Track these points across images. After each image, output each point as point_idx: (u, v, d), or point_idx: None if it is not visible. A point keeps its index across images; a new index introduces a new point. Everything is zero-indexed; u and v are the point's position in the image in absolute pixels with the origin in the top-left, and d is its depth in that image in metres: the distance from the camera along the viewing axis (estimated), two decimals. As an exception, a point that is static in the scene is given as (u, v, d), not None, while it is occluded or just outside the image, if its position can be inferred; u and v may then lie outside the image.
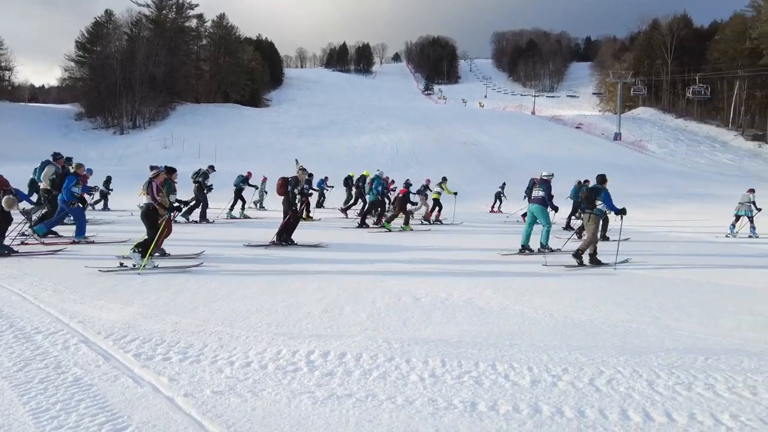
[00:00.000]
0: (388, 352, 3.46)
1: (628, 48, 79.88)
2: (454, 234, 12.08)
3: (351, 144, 41.70)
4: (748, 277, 6.94)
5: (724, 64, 56.67)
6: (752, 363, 3.47)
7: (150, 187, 6.49)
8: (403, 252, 8.45)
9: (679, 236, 12.56)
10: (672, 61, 65.62)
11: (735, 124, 55.61)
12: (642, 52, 70.34)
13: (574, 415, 2.63)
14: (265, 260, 7.22)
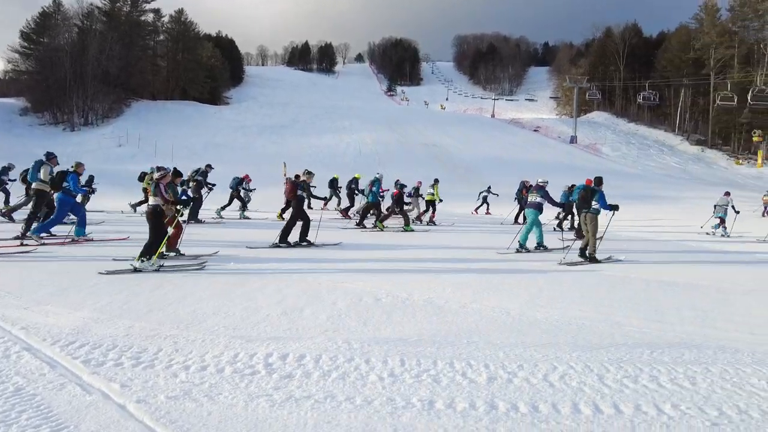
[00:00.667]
0: (347, 353, 3.46)
1: (584, 54, 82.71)
2: (444, 234, 12.42)
3: (314, 143, 41.42)
4: (692, 274, 7.31)
5: (670, 72, 59.58)
6: (692, 355, 3.67)
7: (157, 188, 6.53)
8: (377, 251, 8.48)
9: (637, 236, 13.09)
10: (624, 68, 68.47)
11: (681, 129, 58.53)
12: (596, 58, 73.00)
13: (528, 410, 2.71)
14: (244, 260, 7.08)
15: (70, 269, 6.19)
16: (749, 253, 10.26)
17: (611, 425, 2.57)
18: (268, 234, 9.62)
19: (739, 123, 51.78)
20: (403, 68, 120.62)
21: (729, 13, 56.80)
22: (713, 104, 51.06)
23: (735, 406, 2.84)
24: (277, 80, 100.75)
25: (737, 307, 5.29)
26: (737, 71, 52.55)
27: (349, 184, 16.37)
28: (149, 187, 14.00)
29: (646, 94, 52.91)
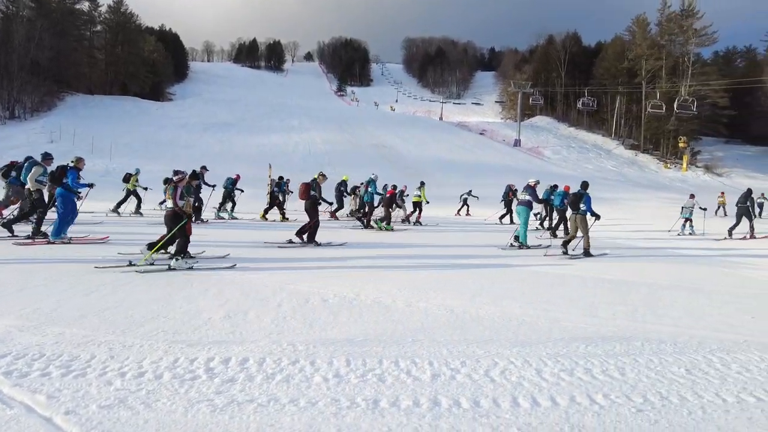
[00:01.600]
0: (292, 355, 3.43)
1: (528, 60, 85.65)
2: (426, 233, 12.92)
3: (261, 142, 40.59)
4: (626, 271, 7.75)
5: (607, 80, 62.88)
6: (622, 347, 3.90)
7: (175, 190, 6.60)
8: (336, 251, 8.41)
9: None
10: (565, 75, 71.63)
11: (617, 134, 61.90)
12: (540, 64, 75.90)
13: (470, 405, 2.79)
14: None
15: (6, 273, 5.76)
16: (683, 248, 10.98)
17: (548, 417, 2.68)
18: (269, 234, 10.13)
19: (667, 130, 55.42)
20: (353, 69, 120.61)
21: (657, 28, 60.68)
22: (645, 112, 54.35)
23: (658, 393, 3.05)
24: (224, 77, 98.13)
25: (663, 301, 5.66)
26: (665, 82, 56.22)
27: (338, 186, 16.57)
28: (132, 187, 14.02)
29: (585, 100, 55.54)
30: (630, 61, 60.90)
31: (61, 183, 8.26)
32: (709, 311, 5.27)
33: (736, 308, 5.43)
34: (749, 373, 3.46)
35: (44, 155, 9.21)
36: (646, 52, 58.96)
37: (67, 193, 8.31)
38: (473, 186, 21.72)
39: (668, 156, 55.56)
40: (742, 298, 5.99)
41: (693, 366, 3.56)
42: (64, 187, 8.27)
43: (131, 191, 14.05)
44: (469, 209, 19.92)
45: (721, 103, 55.50)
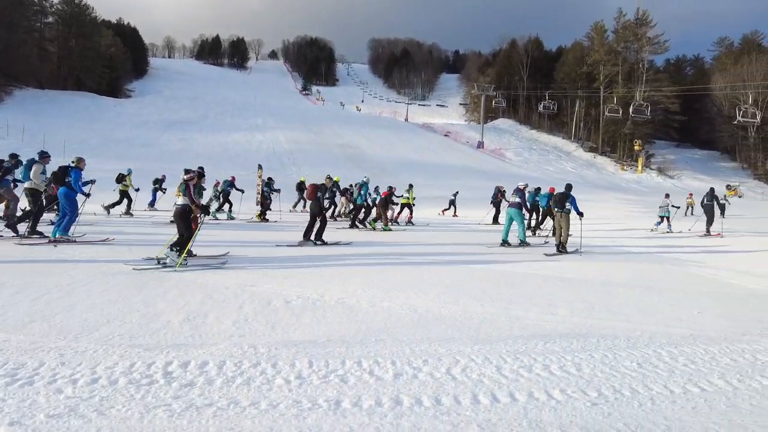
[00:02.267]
0: (253, 358, 3.38)
1: (491, 63, 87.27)
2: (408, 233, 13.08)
3: (223, 141, 39.84)
4: (584, 270, 8.00)
5: (567, 84, 64.84)
6: (579, 344, 4.03)
7: (187, 189, 6.84)
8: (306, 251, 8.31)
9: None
10: (527, 78, 73.36)
11: (576, 137, 63.89)
12: (502, 68, 77.48)
13: (431, 403, 2.82)
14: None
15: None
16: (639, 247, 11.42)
17: (506, 413, 2.75)
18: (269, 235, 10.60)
19: (624, 133, 57.63)
20: (319, 68, 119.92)
21: (614, 35, 63.01)
22: (603, 115, 56.31)
23: (611, 387, 3.17)
24: (185, 74, 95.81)
25: (618, 299, 5.88)
26: (621, 87, 58.46)
27: (331, 187, 16.53)
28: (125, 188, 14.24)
29: (546, 103, 57.13)
30: (589, 66, 63.05)
31: (63, 183, 8.28)
32: (661, 308, 5.50)
33: (685, 304, 5.70)
34: (694, 365, 3.64)
35: (41, 153, 9.19)
36: (603, 58, 61.15)
37: (70, 192, 8.30)
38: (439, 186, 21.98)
39: (624, 158, 57.73)
40: (690, 295, 6.28)
41: (644, 360, 3.71)
42: (67, 186, 8.28)
43: (124, 192, 14.26)
44: (456, 210, 20.45)
45: (673, 108, 58.22)
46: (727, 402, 3.03)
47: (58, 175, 8.39)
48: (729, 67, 58.55)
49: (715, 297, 6.23)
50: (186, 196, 6.84)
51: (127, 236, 9.50)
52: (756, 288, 7.02)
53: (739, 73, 54.99)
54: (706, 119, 59.52)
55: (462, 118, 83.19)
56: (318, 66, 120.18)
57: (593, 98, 61.98)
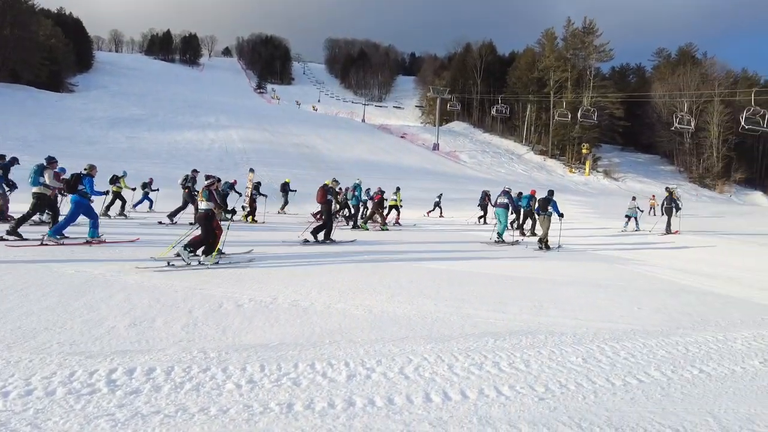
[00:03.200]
0: (203, 363, 3.29)
1: (446, 67, 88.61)
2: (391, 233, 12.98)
3: (174, 139, 38.52)
4: (533, 269, 8.27)
5: (519, 88, 66.69)
6: (528, 340, 4.16)
7: (210, 194, 7.35)
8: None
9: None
10: (481, 82, 74.95)
11: (527, 140, 65.84)
12: (457, 71, 78.81)
13: (384, 403, 2.84)
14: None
15: None
16: (589, 246, 11.89)
17: (457, 410, 2.80)
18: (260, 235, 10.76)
19: (572, 137, 59.89)
20: (274, 66, 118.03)
21: (563, 42, 65.42)
22: (552, 120, 58.26)
23: (557, 382, 3.29)
24: (134, 69, 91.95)
25: (565, 296, 6.12)
26: (570, 92, 60.68)
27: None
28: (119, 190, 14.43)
29: (499, 107, 58.41)
30: (540, 72, 65.12)
31: (76, 190, 8.50)
32: (604, 304, 5.76)
33: (626, 301, 5.99)
34: (634, 359, 3.84)
35: (49, 159, 9.37)
36: (553, 64, 63.30)
37: (82, 200, 8.55)
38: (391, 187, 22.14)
39: (573, 161, 59.99)
40: (631, 291, 6.62)
41: (589, 355, 3.88)
42: (79, 194, 8.51)
43: (117, 193, 14.49)
44: (442, 211, 21.22)
45: (617, 114, 61.04)
46: (662, 392, 3.22)
47: (71, 182, 8.57)
48: (667, 76, 62.10)
49: (651, 293, 6.59)
50: (210, 201, 7.36)
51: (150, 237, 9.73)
52: (687, 284, 7.47)
53: (676, 83, 58.42)
54: (647, 125, 62.86)
55: (418, 120, 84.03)
56: (273, 64, 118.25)
57: (544, 103, 64.08)
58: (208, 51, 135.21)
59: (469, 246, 11.50)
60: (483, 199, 18.36)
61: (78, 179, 8.61)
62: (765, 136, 51.12)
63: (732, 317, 5.38)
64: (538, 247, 11.13)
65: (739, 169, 57.56)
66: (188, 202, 13.01)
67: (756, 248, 12.39)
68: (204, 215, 7.29)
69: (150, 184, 16.98)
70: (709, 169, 57.38)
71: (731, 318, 5.34)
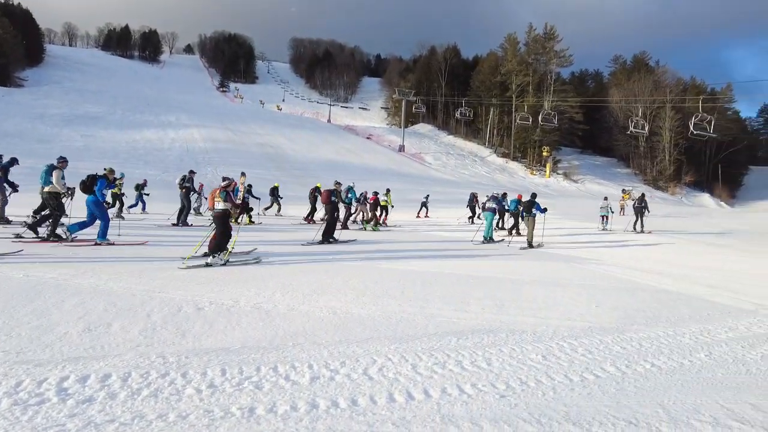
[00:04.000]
0: (162, 368, 3.20)
1: (412, 69, 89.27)
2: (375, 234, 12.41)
3: (132, 138, 37.34)
4: (495, 269, 8.42)
5: (482, 92, 67.91)
6: (490, 339, 4.24)
7: (227, 195, 7.67)
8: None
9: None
10: (445, 85, 75.90)
11: (490, 143, 67.11)
12: (422, 74, 79.57)
13: (347, 404, 2.83)
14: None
15: None
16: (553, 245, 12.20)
17: (421, 410, 2.83)
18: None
19: (533, 140, 61.44)
20: (237, 65, 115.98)
21: (525, 47, 67.03)
22: (514, 123, 59.58)
23: (518, 379, 3.37)
24: (90, 65, 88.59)
25: (525, 295, 6.26)
26: (532, 96, 62.24)
27: (312, 192, 17.73)
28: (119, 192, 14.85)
29: (463, 110, 59.31)
30: (502, 76, 66.51)
31: (92, 191, 8.74)
32: (563, 302, 5.93)
33: (584, 299, 6.19)
34: (591, 355, 3.97)
35: (60, 159, 9.50)
36: (516, 68, 64.77)
37: (98, 201, 8.84)
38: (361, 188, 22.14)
39: (534, 164, 61.53)
40: (589, 290, 6.83)
41: (548, 352, 3.98)
42: (95, 194, 8.77)
43: (118, 195, 14.83)
44: (428, 212, 21.90)
45: (577, 117, 63.01)
46: (617, 386, 3.34)
47: (87, 183, 8.77)
48: (623, 82, 64.60)
49: (609, 291, 6.83)
50: (227, 201, 7.68)
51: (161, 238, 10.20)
52: (642, 282, 7.78)
53: (631, 89, 60.83)
54: (605, 129, 65.16)
55: (384, 122, 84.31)
56: (237, 63, 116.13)
57: (506, 106, 65.49)
58: (169, 48, 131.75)
59: (441, 245, 11.70)
60: (471, 200, 19.49)
61: (94, 180, 8.85)
62: (712, 141, 53.93)
63: (681, 313, 5.63)
64: (526, 246, 12.16)
65: (689, 172, 60.47)
66: (184, 202, 13.32)
67: (704, 247, 13.03)
68: (221, 215, 7.65)
69: (143, 186, 16.94)
70: (662, 172, 60.01)
71: (681, 314, 5.59)
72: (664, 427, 2.71)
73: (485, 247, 11.92)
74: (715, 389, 3.34)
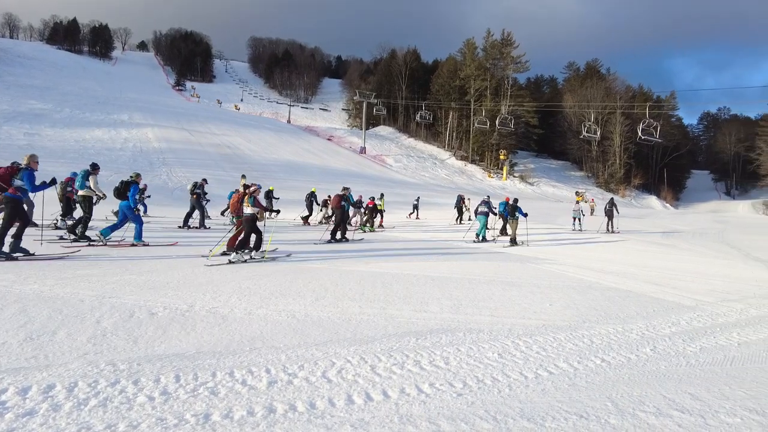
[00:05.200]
0: (111, 376, 3.08)
1: (373, 71, 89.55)
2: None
3: (82, 137, 35.70)
4: (451, 269, 8.54)
5: (442, 96, 68.86)
6: (448, 338, 4.30)
7: (255, 200, 8.65)
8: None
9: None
10: (406, 88, 76.50)
11: (449, 146, 68.09)
12: (383, 76, 79.91)
13: (305, 408, 2.81)
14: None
15: None
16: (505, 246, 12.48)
17: (379, 411, 2.84)
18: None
19: (491, 143, 62.77)
20: (194, 63, 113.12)
21: (483, 52, 68.46)
22: (473, 126, 60.71)
23: (475, 377, 3.43)
24: (33, 58, 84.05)
25: (482, 294, 6.38)
26: (489, 101, 63.62)
27: (308, 196, 18.62)
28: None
29: (423, 113, 59.96)
30: (461, 80, 67.68)
31: (126, 197, 9.41)
32: (519, 301, 6.08)
33: (538, 297, 6.37)
34: (545, 352, 4.09)
35: (93, 165, 10.26)
36: (474, 73, 66.03)
37: (129, 206, 9.49)
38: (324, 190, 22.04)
39: (491, 166, 62.87)
40: (543, 289, 7.04)
41: (504, 350, 4.08)
42: (128, 199, 9.43)
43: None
44: (418, 213, 22.88)
45: (533, 122, 64.90)
46: (569, 382, 3.46)
47: (121, 189, 9.41)
48: (576, 88, 66.99)
49: (561, 290, 7.05)
50: (255, 205, 8.57)
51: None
52: (594, 281, 8.08)
53: (584, 95, 63.16)
54: (559, 133, 67.41)
55: (345, 123, 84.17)
56: (193, 61, 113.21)
57: (465, 110, 66.67)
58: (122, 44, 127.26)
59: (409, 245, 11.75)
60: (458, 202, 21.19)
61: (127, 186, 9.47)
62: (658, 146, 56.71)
63: (630, 310, 5.89)
64: (509, 244, 13.48)
65: (638, 175, 63.34)
66: (195, 207, 14.03)
67: (651, 247, 13.68)
68: (250, 218, 8.58)
69: (143, 190, 16.47)
70: (613, 175, 62.57)
71: (629, 311, 5.84)
72: (612, 419, 2.83)
73: (453, 247, 12.08)
74: (658, 381, 3.51)
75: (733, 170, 75.40)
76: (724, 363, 4.05)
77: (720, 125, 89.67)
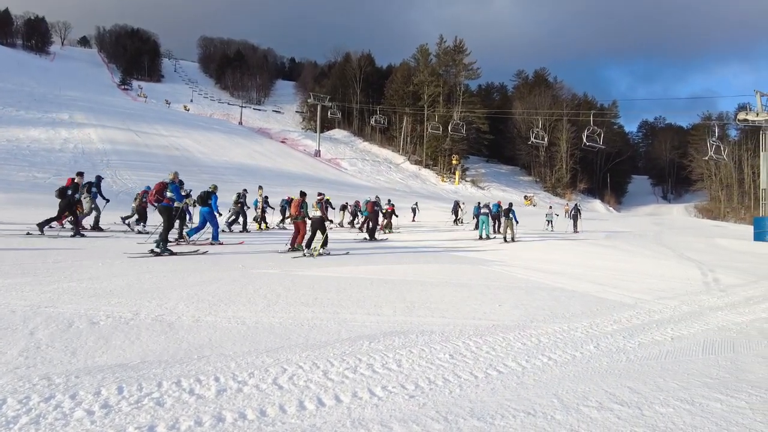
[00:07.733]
0: (46, 391, 2.90)
1: (327, 74, 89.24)
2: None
3: (15, 137, 33.59)
4: (405, 272, 8.62)
5: (396, 101, 69.59)
6: (401, 341, 4.34)
7: (321, 205, 10.78)
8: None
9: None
10: (360, 92, 76.77)
11: (404, 150, 68.81)
12: (337, 80, 79.86)
13: (255, 416, 2.75)
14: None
15: None
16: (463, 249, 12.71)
17: (331, 416, 2.82)
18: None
19: (444, 148, 63.94)
20: (141, 61, 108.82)
21: (436, 59, 69.68)
22: (426, 132, 61.65)
23: (427, 379, 3.47)
24: (-41, 52, 78.40)
25: (434, 297, 6.47)
26: (442, 107, 64.81)
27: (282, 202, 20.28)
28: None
29: (377, 117, 60.32)
30: (415, 86, 68.60)
31: (206, 203, 11.77)
32: (470, 303, 6.21)
33: (488, 299, 6.53)
34: (495, 352, 4.20)
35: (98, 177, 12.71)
36: (427, 79, 67.11)
37: (210, 211, 11.74)
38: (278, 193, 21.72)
39: (444, 171, 64.00)
40: (493, 290, 7.22)
41: (455, 351, 4.15)
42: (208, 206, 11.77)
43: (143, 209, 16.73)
44: (415, 216, 25.95)
45: (483, 128, 66.62)
46: (517, 380, 3.56)
47: (203, 197, 11.86)
48: (525, 95, 69.42)
49: (511, 291, 7.26)
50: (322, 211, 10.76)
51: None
52: (541, 282, 8.37)
53: (533, 102, 65.59)
54: (509, 139, 69.55)
55: (299, 126, 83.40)
56: (140, 59, 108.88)
57: (418, 115, 67.65)
58: (61, 39, 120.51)
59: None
60: (455, 206, 24.97)
61: (209, 195, 11.88)
62: (601, 152, 59.44)
63: (575, 310, 6.13)
64: (503, 241, 16.15)
65: (583, 180, 66.24)
66: (239, 214, 16.33)
67: (595, 248, 14.33)
68: (319, 220, 10.64)
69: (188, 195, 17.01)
70: (559, 180, 65.14)
71: (574, 310, 6.09)
72: (557, 414, 2.94)
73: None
74: (601, 377, 3.68)
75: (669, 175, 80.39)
76: (659, 357, 4.30)
77: (657, 133, 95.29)
